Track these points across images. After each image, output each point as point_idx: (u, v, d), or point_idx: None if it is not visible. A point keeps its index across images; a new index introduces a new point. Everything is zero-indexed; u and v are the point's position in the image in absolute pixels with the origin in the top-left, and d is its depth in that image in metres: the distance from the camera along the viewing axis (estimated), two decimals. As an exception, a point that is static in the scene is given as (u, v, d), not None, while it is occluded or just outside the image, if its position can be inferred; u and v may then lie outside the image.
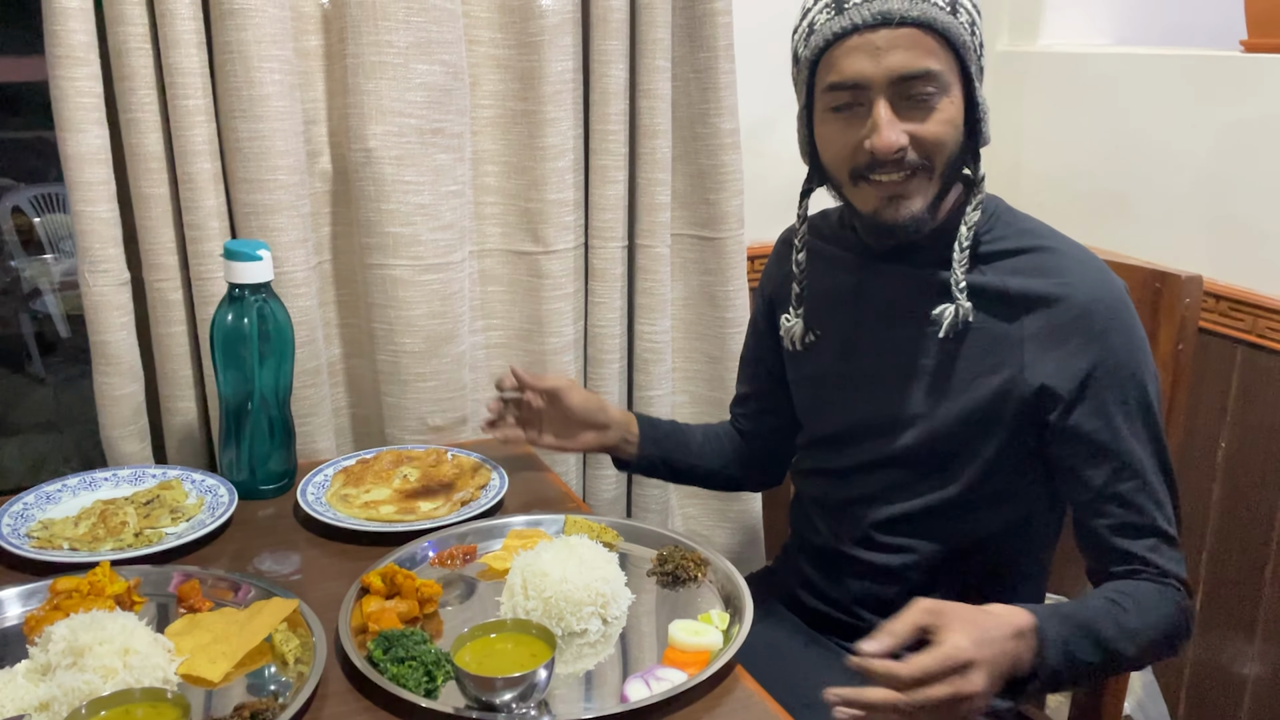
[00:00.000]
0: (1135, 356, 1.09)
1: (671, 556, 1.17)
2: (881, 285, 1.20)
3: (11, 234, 3.84)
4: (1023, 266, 1.12)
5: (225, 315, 1.29)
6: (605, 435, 1.38)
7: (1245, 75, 1.62)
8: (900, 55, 1.03)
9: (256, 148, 1.37)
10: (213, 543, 1.23)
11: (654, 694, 0.94)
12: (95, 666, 0.91)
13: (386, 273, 1.48)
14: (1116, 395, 1.08)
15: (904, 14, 1.02)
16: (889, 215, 1.09)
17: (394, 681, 0.94)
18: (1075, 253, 1.13)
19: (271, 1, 1.35)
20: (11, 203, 4.02)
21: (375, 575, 1.09)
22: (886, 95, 1.05)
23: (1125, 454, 1.08)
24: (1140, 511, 1.08)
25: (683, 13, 1.61)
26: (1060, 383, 1.09)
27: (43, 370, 3.93)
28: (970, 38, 1.07)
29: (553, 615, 1.05)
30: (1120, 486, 1.08)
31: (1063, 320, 1.09)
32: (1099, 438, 1.08)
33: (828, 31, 1.06)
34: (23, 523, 1.22)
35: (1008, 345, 1.11)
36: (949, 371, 1.14)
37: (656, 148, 1.61)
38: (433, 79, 1.44)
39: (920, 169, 1.07)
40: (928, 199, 1.09)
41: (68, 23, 1.27)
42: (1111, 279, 1.12)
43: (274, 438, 1.35)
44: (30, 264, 3.93)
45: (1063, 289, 1.09)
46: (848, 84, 1.06)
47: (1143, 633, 1.05)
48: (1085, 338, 1.08)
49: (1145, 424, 1.09)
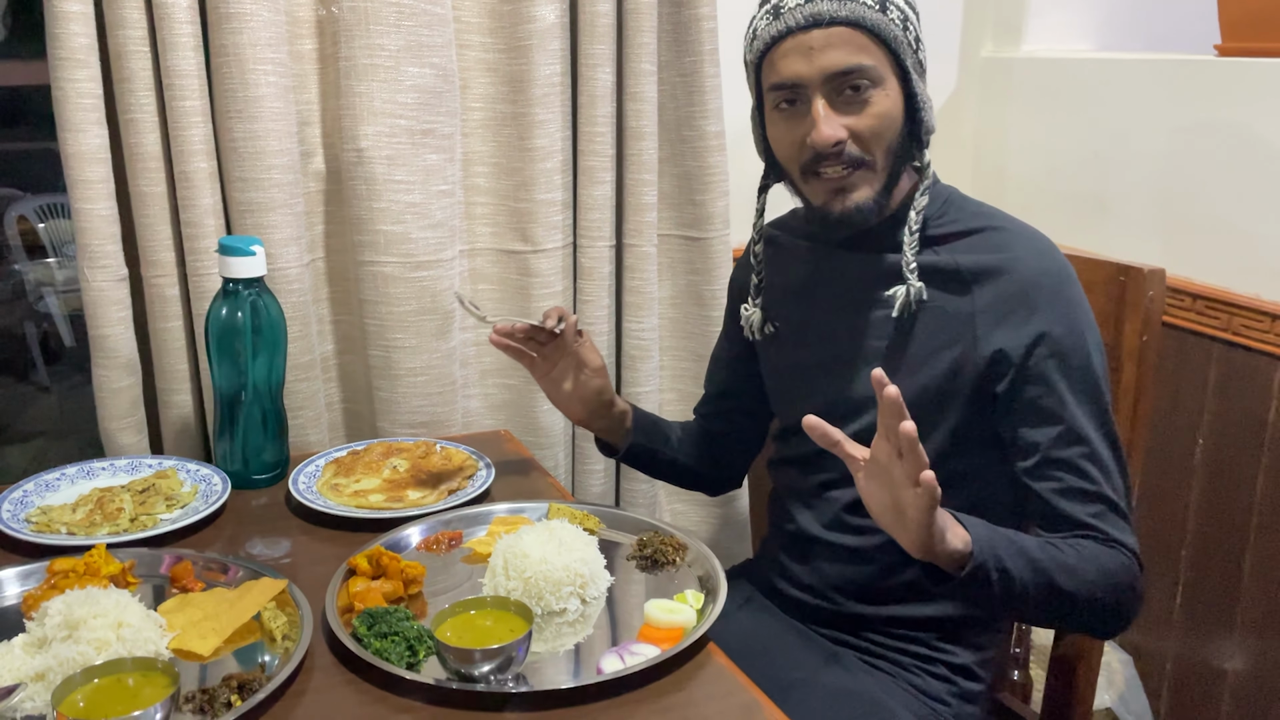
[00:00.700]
0: (1079, 327, 1.14)
1: (651, 541, 1.21)
2: (839, 273, 1.25)
3: (16, 239, 3.89)
4: (974, 245, 1.18)
5: (220, 309, 1.33)
6: (593, 420, 1.39)
7: (1219, 78, 1.66)
8: (833, 54, 1.10)
9: (251, 147, 1.42)
10: (206, 529, 1.26)
11: (627, 666, 0.97)
12: (89, 639, 0.94)
13: (378, 269, 1.52)
14: (1061, 363, 1.12)
15: (833, 14, 1.10)
16: (837, 207, 1.16)
17: (377, 655, 0.97)
18: (1023, 230, 1.19)
19: (266, 6, 1.40)
20: (17, 212, 4.07)
21: (362, 557, 1.12)
22: (823, 92, 1.12)
23: (1070, 419, 1.11)
24: (1086, 477, 1.11)
25: (669, 18, 1.65)
26: (1008, 352, 1.13)
27: (47, 378, 3.98)
28: (903, 33, 1.13)
29: (532, 594, 1.08)
30: (1066, 451, 1.11)
31: (1010, 291, 1.14)
32: (1044, 403, 1.12)
33: (767, 36, 1.14)
34: (22, 509, 1.25)
35: (961, 320, 1.16)
36: (906, 350, 1.19)
37: (643, 149, 1.65)
38: (423, 82, 1.49)
39: (862, 162, 1.14)
40: (874, 189, 1.15)
41: (69, 26, 1.31)
42: (1057, 255, 1.17)
43: (267, 429, 1.38)
44: (34, 268, 3.98)
45: (1010, 262, 1.15)
46: (787, 83, 1.13)
47: (1082, 572, 1.06)
48: (1030, 308, 1.13)
49: (1090, 395, 1.13)
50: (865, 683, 1.22)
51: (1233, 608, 1.67)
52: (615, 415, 1.40)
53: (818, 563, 1.28)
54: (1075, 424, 1.11)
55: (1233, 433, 1.65)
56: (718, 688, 0.97)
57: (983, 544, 1.00)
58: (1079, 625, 1.15)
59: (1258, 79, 1.59)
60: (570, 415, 1.40)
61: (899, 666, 1.25)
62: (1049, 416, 1.12)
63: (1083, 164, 1.92)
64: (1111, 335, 1.30)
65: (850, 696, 1.20)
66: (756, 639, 1.30)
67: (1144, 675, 1.83)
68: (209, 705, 0.91)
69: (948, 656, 1.25)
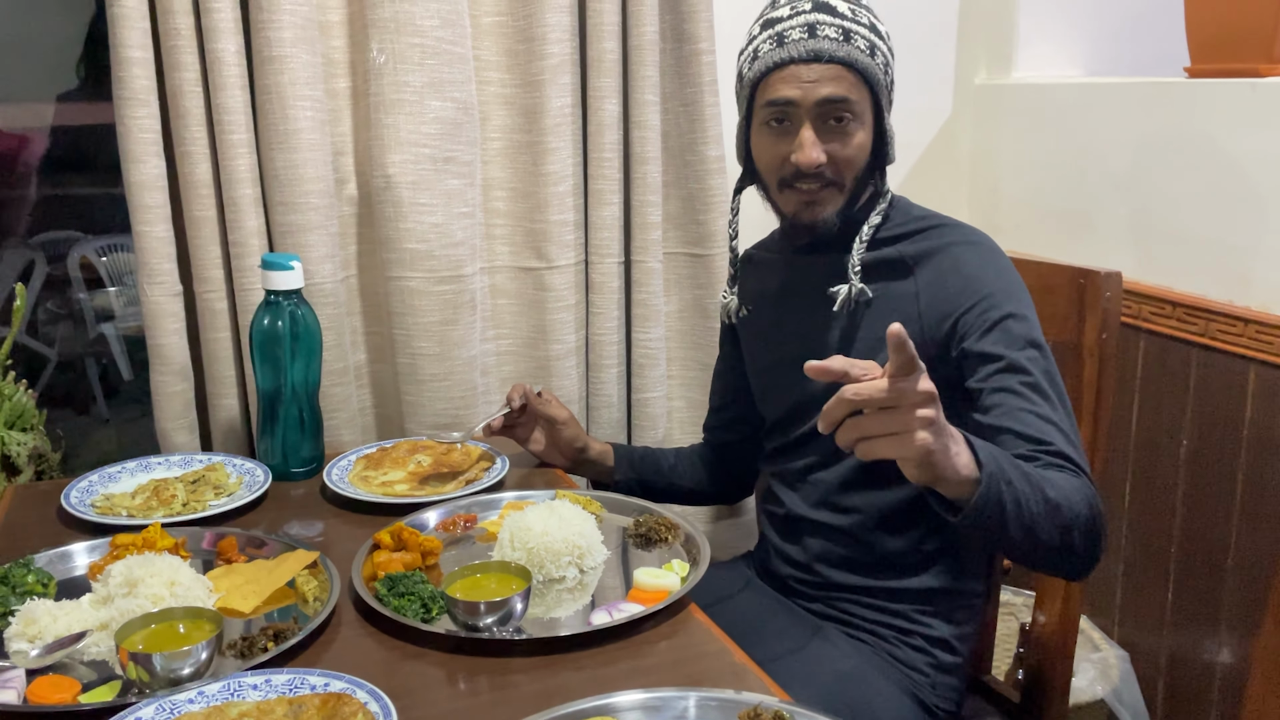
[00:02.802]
0: (1011, 289, 1.26)
1: (645, 521, 1.34)
2: (803, 277, 1.41)
3: (78, 276, 4.10)
4: (918, 239, 1.33)
5: (262, 318, 1.48)
6: (577, 467, 1.58)
7: (1188, 98, 1.76)
8: (826, 86, 1.26)
9: (291, 175, 1.58)
10: (249, 514, 1.41)
11: (614, 620, 1.09)
12: (147, 594, 1.08)
13: (404, 284, 1.67)
14: (998, 313, 1.23)
15: (832, 54, 1.25)
16: (806, 216, 1.32)
17: (396, 611, 1.11)
18: (960, 224, 1.34)
19: (305, 49, 1.56)
20: (80, 253, 4.31)
21: (385, 533, 1.26)
22: (811, 118, 1.27)
23: (1011, 358, 1.20)
24: (1029, 400, 1.17)
25: (671, 53, 1.80)
26: (950, 314, 1.25)
27: (106, 411, 4.18)
28: (883, 76, 1.29)
29: (535, 563, 1.21)
30: (1009, 380, 1.19)
31: (946, 265, 1.28)
32: (988, 349, 1.22)
33: (769, 60, 1.28)
34: (88, 496, 1.41)
35: (907, 300, 1.30)
36: (856, 338, 1.33)
37: (648, 173, 1.79)
38: (445, 114, 1.64)
39: (833, 183, 1.30)
40: (838, 207, 1.32)
41: (131, 69, 1.49)
42: (989, 239, 1.32)
43: (304, 427, 1.53)
44: (96, 295, 4.19)
45: (946, 245, 1.30)
46: (781, 102, 1.28)
47: (1060, 484, 1.09)
48: (964, 276, 1.27)
49: (1029, 341, 1.22)
50: (847, 652, 1.33)
51: (1219, 601, 1.74)
52: (594, 458, 1.58)
53: (806, 539, 1.40)
54: (1015, 361, 1.20)
55: (1213, 433, 1.72)
56: (693, 639, 1.09)
57: (987, 456, 1.01)
58: (1065, 548, 1.11)
59: (1223, 98, 1.69)
60: (554, 464, 1.58)
61: (879, 639, 1.35)
62: (992, 359, 1.22)
63: (1070, 183, 2.02)
64: (1073, 335, 1.40)
65: (832, 665, 1.31)
66: (751, 618, 1.41)
67: (1139, 671, 1.89)
68: (249, 650, 1.04)
69: (925, 629, 1.35)
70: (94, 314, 4.27)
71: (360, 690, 0.94)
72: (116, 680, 1.00)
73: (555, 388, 1.81)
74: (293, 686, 0.96)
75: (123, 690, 0.99)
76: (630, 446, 1.66)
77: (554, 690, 0.99)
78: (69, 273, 4.25)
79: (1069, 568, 1.18)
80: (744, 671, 1.03)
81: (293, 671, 0.97)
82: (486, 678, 1.03)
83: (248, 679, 0.96)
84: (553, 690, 1.00)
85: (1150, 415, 1.84)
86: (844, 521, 1.36)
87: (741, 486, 1.71)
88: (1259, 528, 1.65)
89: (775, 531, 1.46)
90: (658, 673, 1.02)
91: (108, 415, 4.20)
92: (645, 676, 1.01)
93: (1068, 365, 1.38)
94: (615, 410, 1.88)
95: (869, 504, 1.34)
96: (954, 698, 1.36)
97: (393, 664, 1.05)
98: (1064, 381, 1.25)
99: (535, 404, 1.54)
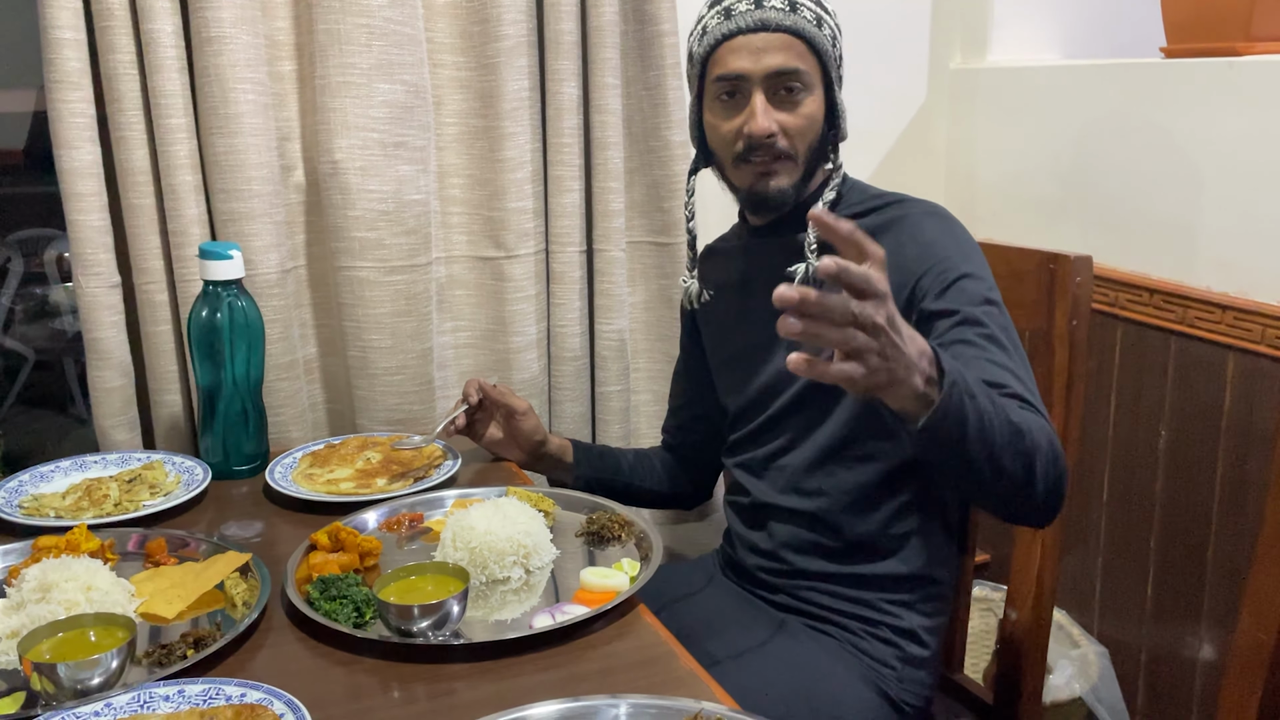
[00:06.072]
0: (966, 252, 1.24)
1: (598, 519, 1.28)
2: (762, 261, 1.37)
3: (55, 275, 4.04)
4: (873, 215, 1.30)
5: (200, 310, 1.42)
6: (536, 462, 1.54)
7: (1164, 79, 1.71)
8: (775, 56, 1.24)
9: (232, 161, 1.51)
10: (186, 514, 1.35)
11: (556, 623, 1.03)
12: (60, 599, 1.02)
13: (354, 274, 1.61)
14: (955, 275, 1.20)
15: (779, 23, 1.24)
16: (761, 188, 1.29)
17: (327, 616, 1.05)
18: (916, 198, 1.31)
19: (246, 30, 1.50)
20: (56, 251, 4.24)
21: (322, 533, 1.20)
22: (762, 88, 1.25)
23: (967, 313, 1.18)
24: (986, 350, 1.15)
25: (633, 35, 1.74)
26: (908, 280, 1.22)
27: (85, 410, 4.11)
28: (831, 48, 1.27)
29: (478, 564, 1.15)
30: (965, 333, 1.16)
31: (904, 236, 1.25)
32: (944, 306, 1.19)
33: (717, 33, 1.26)
34: (16, 496, 1.35)
35: None
36: None
37: (609, 159, 1.73)
38: (394, 97, 1.58)
39: (787, 155, 1.27)
40: (793, 179, 1.29)
41: (62, 51, 1.42)
42: (943, 207, 1.29)
43: (247, 423, 1.47)
44: (70, 292, 4.13)
45: (903, 218, 1.27)
46: (731, 76, 1.26)
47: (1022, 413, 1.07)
48: (922, 244, 1.24)
49: (985, 298, 1.20)
50: (810, 648, 1.28)
51: (1199, 595, 1.69)
52: (553, 452, 1.53)
53: (772, 525, 1.36)
54: (971, 314, 1.18)
55: (1192, 422, 1.68)
56: (641, 641, 1.04)
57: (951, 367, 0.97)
58: (1027, 482, 1.06)
59: (1201, 77, 1.64)
60: (512, 459, 1.54)
61: (845, 630, 1.30)
62: (948, 314, 1.19)
63: (1046, 168, 1.97)
64: (1043, 321, 1.36)
65: (795, 660, 1.26)
66: (713, 615, 1.37)
67: (1119, 667, 1.85)
68: (166, 658, 0.98)
69: (893, 620, 1.30)
70: (67, 311, 4.21)
71: (278, 700, 0.88)
72: (21, 691, 0.94)
73: (516, 381, 1.75)
74: (207, 697, 0.90)
75: (27, 702, 0.93)
76: (590, 444, 1.62)
77: (491, 698, 0.94)
78: (46, 270, 4.20)
79: (1031, 506, 1.10)
80: (690, 676, 0.97)
81: (208, 681, 0.92)
82: (422, 685, 0.98)
83: (159, 689, 0.90)
84: (490, 698, 0.94)
85: (1128, 405, 1.79)
86: (811, 505, 1.32)
87: (699, 489, 1.67)
88: (1239, 519, 1.61)
89: (741, 521, 1.42)
90: (600, 678, 0.97)
91: (86, 415, 4.13)
92: (586, 682, 0.96)
93: (1039, 353, 1.34)
94: (578, 405, 1.82)
95: (835, 486, 1.31)
96: (922, 693, 1.31)
97: (321, 672, 1.00)
98: (1035, 371, 1.21)
99: (492, 395, 1.50)
